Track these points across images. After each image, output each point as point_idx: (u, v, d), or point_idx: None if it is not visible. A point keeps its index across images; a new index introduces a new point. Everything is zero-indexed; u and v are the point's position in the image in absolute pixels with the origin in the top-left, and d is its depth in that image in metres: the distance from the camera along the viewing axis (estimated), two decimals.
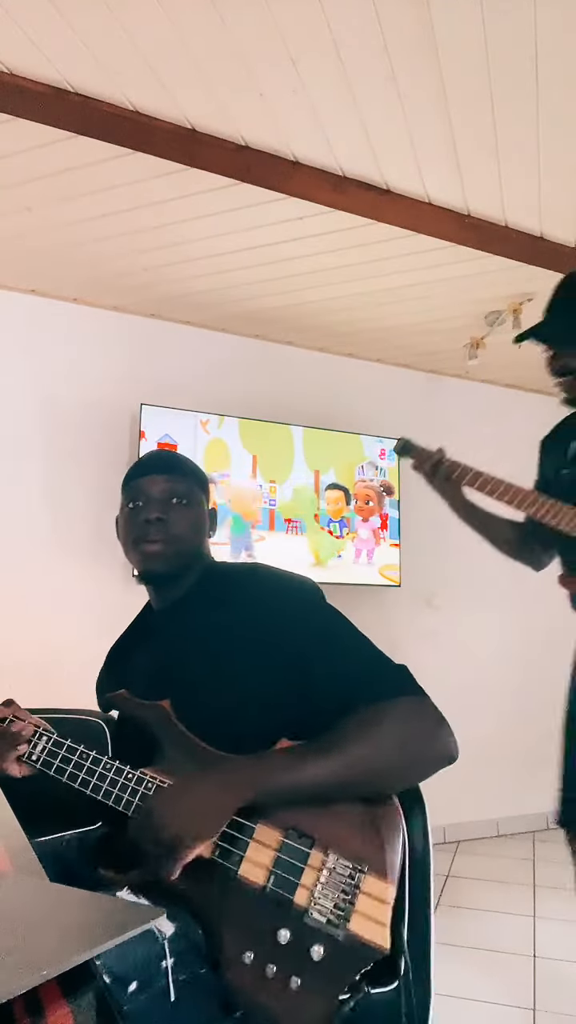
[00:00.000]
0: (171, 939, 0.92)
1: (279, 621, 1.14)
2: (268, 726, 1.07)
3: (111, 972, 0.85)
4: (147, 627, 1.33)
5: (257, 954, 0.94)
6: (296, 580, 1.23)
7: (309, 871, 0.98)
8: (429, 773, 1.05)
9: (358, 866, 0.98)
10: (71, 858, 1.19)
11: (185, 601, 1.26)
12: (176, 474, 1.28)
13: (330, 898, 0.97)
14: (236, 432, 3.11)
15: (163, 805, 0.98)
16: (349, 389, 3.53)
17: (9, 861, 0.85)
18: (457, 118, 1.88)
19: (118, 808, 1.06)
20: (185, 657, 1.18)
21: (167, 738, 1.10)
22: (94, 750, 1.11)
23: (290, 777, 0.99)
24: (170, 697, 1.12)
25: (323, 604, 1.20)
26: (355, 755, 1.01)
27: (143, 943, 0.90)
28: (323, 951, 0.93)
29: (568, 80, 1.75)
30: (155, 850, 0.96)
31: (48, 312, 2.93)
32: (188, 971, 0.91)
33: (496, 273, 2.63)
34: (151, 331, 3.12)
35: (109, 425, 2.97)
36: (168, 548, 1.23)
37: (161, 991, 0.87)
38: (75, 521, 2.86)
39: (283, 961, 0.93)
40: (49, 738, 1.12)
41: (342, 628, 1.16)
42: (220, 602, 1.20)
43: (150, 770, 1.07)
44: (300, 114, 1.86)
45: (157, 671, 1.20)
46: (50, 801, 1.22)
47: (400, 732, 1.04)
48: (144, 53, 1.67)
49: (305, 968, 0.93)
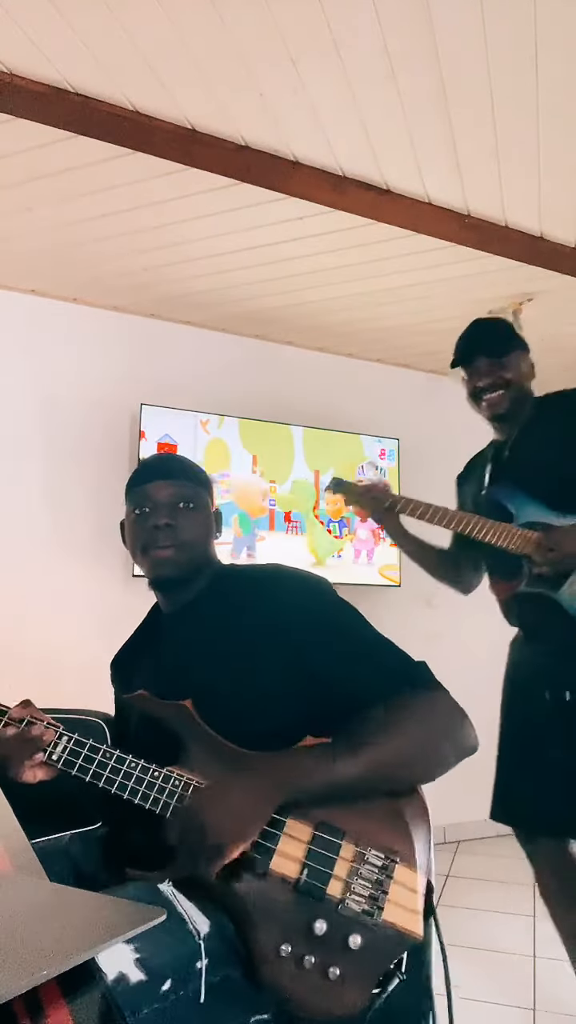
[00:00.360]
0: (207, 938, 0.92)
1: (298, 620, 1.15)
2: (291, 724, 1.09)
3: (146, 967, 0.84)
4: (157, 630, 1.32)
5: (294, 946, 0.95)
6: (312, 578, 1.24)
7: (341, 862, 1.00)
8: (452, 765, 1.08)
9: (391, 856, 1.00)
10: (77, 856, 1.19)
11: (197, 604, 1.26)
12: (181, 478, 1.28)
13: (365, 888, 0.99)
14: (236, 432, 3.11)
15: (204, 807, 0.98)
16: (349, 389, 3.53)
17: (9, 861, 0.85)
18: (457, 118, 1.88)
19: (145, 806, 1.05)
20: (202, 658, 1.18)
21: (191, 737, 1.10)
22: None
23: (324, 775, 1.01)
24: (190, 697, 1.12)
25: (339, 601, 1.21)
26: (383, 751, 1.03)
27: (181, 941, 0.90)
28: (360, 940, 0.95)
29: (568, 80, 1.75)
30: (196, 854, 0.96)
31: (48, 312, 2.92)
32: (221, 973, 0.91)
33: (496, 273, 2.63)
34: (151, 331, 3.12)
35: (109, 425, 2.97)
36: (179, 554, 1.23)
37: (193, 992, 0.87)
38: (75, 521, 2.86)
39: (321, 952, 0.95)
40: (70, 738, 1.10)
41: (359, 625, 1.18)
42: (237, 604, 1.20)
43: (176, 768, 1.07)
44: (300, 114, 1.86)
45: (172, 673, 1.20)
46: (52, 800, 1.22)
47: (425, 726, 1.07)
48: (144, 53, 1.67)
49: (344, 958, 0.95)
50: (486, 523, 1.77)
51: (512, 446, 1.88)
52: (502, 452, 1.90)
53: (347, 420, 3.40)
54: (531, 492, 1.77)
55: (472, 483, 1.99)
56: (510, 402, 1.84)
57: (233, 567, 1.32)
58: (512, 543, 1.73)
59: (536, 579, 1.72)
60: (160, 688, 1.15)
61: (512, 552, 1.74)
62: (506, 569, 1.80)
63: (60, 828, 1.27)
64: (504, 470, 1.87)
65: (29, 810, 1.07)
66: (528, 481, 1.78)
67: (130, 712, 1.26)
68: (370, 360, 3.61)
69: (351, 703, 1.08)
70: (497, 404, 1.85)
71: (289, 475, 3.20)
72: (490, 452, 1.96)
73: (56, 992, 0.55)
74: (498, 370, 1.84)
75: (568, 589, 1.68)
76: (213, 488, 1.37)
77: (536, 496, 1.76)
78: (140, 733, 1.20)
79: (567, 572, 1.67)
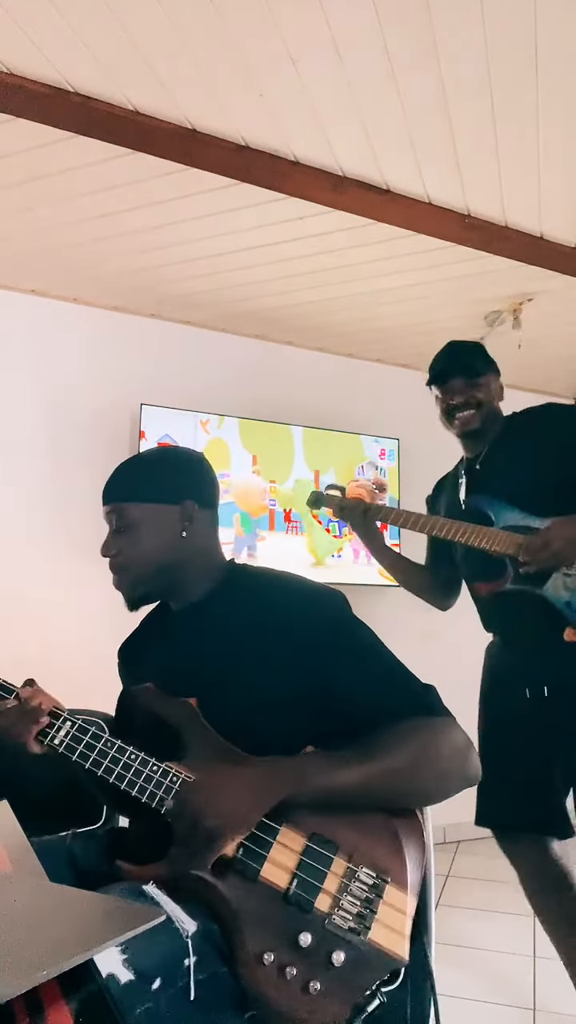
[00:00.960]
0: (193, 937, 0.92)
1: (313, 633, 1.14)
2: (292, 734, 1.08)
3: (135, 968, 0.84)
4: (165, 623, 1.31)
5: (278, 956, 0.94)
6: (326, 592, 1.22)
7: (332, 877, 0.99)
8: (453, 792, 1.08)
9: (382, 876, 1.00)
10: (77, 855, 1.19)
11: (207, 603, 1.25)
12: (113, 499, 1.25)
13: (353, 905, 0.98)
14: (236, 432, 3.11)
15: (202, 795, 0.98)
16: (349, 389, 3.53)
17: (9, 861, 0.85)
18: (457, 118, 1.88)
19: (141, 799, 1.05)
20: (212, 659, 1.18)
21: (194, 735, 1.09)
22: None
23: (326, 780, 1.01)
24: (196, 696, 1.12)
25: (352, 618, 1.20)
26: (388, 768, 1.03)
27: (168, 940, 0.90)
28: (344, 957, 0.95)
29: (568, 80, 1.75)
30: (192, 841, 0.96)
31: (48, 312, 2.92)
32: (208, 970, 0.91)
33: (496, 273, 2.63)
34: (151, 331, 3.12)
35: (109, 425, 2.97)
36: (124, 579, 1.24)
37: (182, 990, 0.87)
38: (75, 521, 2.86)
39: (304, 965, 0.94)
40: (74, 723, 1.11)
41: (375, 644, 1.17)
42: (247, 608, 1.19)
43: (175, 764, 1.07)
44: (300, 114, 1.86)
45: (180, 670, 1.19)
46: (53, 797, 1.22)
47: (432, 750, 1.06)
48: (144, 53, 1.67)
49: (326, 973, 0.94)
50: (469, 527, 1.86)
51: (484, 461, 1.99)
52: (474, 466, 2.00)
53: (347, 420, 3.40)
54: (508, 500, 1.87)
55: (444, 498, 2.11)
56: (481, 421, 1.96)
57: (246, 568, 1.30)
58: (496, 545, 1.82)
59: (521, 577, 1.79)
60: (167, 684, 1.15)
61: (495, 553, 1.82)
62: (489, 571, 1.87)
63: (61, 827, 1.27)
64: (479, 483, 1.97)
65: (30, 808, 1.07)
66: (503, 490, 1.88)
67: (133, 703, 1.26)
68: (370, 360, 3.60)
69: (355, 720, 1.08)
70: (469, 422, 1.96)
71: (289, 475, 3.20)
72: (461, 468, 2.06)
73: (56, 992, 0.55)
74: (472, 390, 1.96)
75: (553, 584, 1.77)
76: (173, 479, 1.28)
77: (513, 503, 1.86)
78: (142, 725, 1.19)
79: (551, 570, 1.76)
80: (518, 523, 1.83)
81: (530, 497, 1.84)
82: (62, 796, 1.26)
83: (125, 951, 0.84)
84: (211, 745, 1.08)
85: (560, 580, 1.76)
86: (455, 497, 2.02)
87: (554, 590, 1.76)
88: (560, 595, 1.76)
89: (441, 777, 1.07)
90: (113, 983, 0.81)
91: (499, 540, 1.81)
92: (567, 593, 1.76)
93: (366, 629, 1.19)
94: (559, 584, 1.76)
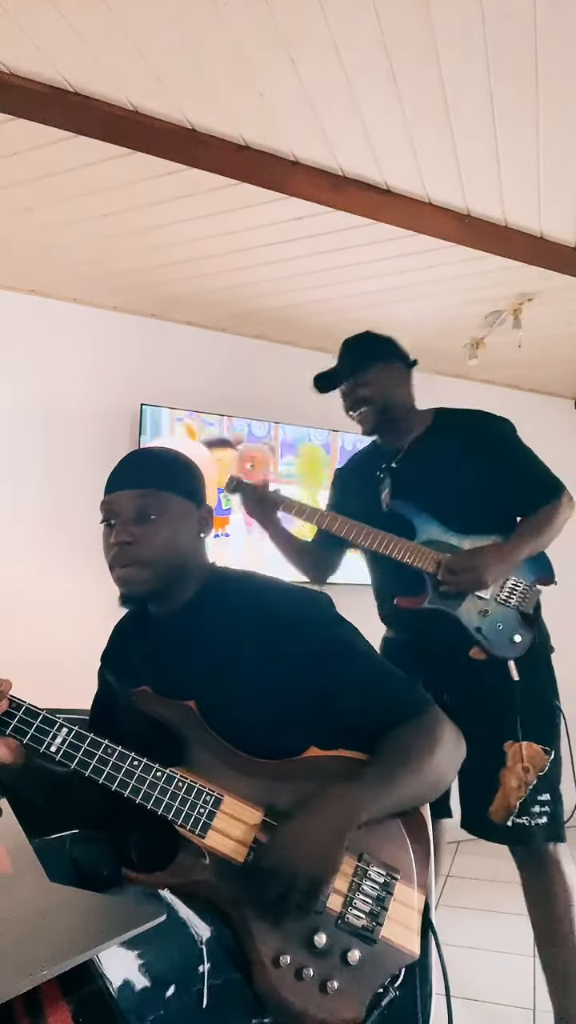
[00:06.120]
0: (207, 942, 0.92)
1: (295, 635, 1.14)
2: (290, 736, 1.09)
3: (150, 973, 0.84)
4: (148, 630, 1.29)
5: (294, 957, 0.94)
6: (311, 594, 1.21)
7: (342, 877, 1.00)
8: (453, 779, 1.13)
9: (392, 873, 1.01)
10: (77, 856, 1.19)
11: (188, 609, 1.23)
12: (146, 484, 1.19)
13: (365, 904, 0.99)
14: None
15: (293, 848, 0.96)
16: None
17: (9, 861, 0.85)
18: (457, 118, 1.88)
19: (147, 805, 1.03)
20: (204, 662, 1.17)
21: (195, 740, 1.08)
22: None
23: (387, 800, 1.02)
24: (191, 699, 1.11)
25: (338, 618, 1.20)
26: (416, 777, 1.05)
27: (183, 946, 0.90)
28: (359, 955, 0.96)
29: (569, 80, 1.75)
30: (293, 894, 0.95)
31: (48, 312, 2.92)
32: (222, 976, 0.91)
33: (496, 273, 2.63)
34: (151, 331, 3.12)
35: (109, 425, 2.97)
36: (139, 572, 1.17)
37: (196, 996, 0.87)
38: (75, 521, 2.86)
39: (320, 964, 0.95)
40: (70, 730, 1.07)
41: (361, 643, 1.18)
42: (235, 611, 1.18)
43: (179, 770, 1.06)
44: (300, 114, 1.86)
45: (172, 674, 1.18)
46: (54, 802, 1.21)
47: (438, 747, 1.08)
48: (144, 53, 1.67)
49: (342, 972, 0.95)
50: (393, 539, 1.85)
51: (404, 458, 1.95)
52: (392, 464, 1.97)
53: (347, 420, 3.39)
54: (429, 511, 1.87)
55: (359, 492, 2.03)
56: (375, 417, 1.94)
57: (226, 571, 1.28)
58: (417, 560, 1.83)
59: (439, 596, 1.82)
60: (157, 688, 1.14)
61: (417, 568, 1.83)
62: (409, 586, 1.87)
63: (62, 828, 1.27)
64: (400, 485, 1.93)
65: (30, 812, 1.06)
66: (424, 498, 1.87)
67: (120, 707, 1.23)
68: None
69: (350, 719, 1.10)
70: (363, 422, 1.96)
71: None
72: (379, 463, 2.01)
73: (56, 992, 0.55)
74: (357, 389, 1.95)
75: (466, 607, 1.81)
76: (199, 480, 1.27)
77: (435, 515, 1.86)
78: (133, 729, 1.17)
79: (466, 592, 1.80)
80: (438, 539, 1.84)
81: (450, 511, 1.85)
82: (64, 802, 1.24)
83: (140, 956, 0.84)
84: (212, 750, 1.08)
85: (472, 604, 1.80)
86: (374, 495, 1.97)
87: (467, 613, 1.80)
88: (472, 619, 1.80)
89: (450, 769, 1.10)
90: (128, 989, 0.81)
91: (420, 556, 1.82)
92: (478, 618, 1.81)
93: (352, 629, 1.19)
94: (472, 608, 1.80)
